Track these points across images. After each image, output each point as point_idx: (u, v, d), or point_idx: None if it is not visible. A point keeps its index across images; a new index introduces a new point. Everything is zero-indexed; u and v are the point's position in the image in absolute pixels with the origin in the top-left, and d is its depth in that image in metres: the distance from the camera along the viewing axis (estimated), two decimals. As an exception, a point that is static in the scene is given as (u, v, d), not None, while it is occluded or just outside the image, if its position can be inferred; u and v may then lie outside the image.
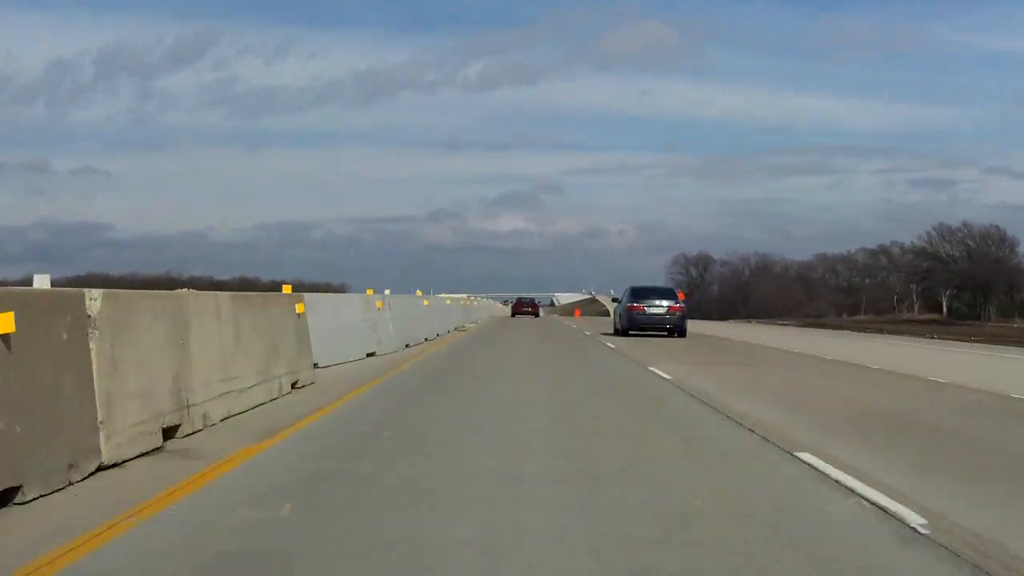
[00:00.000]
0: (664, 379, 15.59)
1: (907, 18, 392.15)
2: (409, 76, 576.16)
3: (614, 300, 36.70)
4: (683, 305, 31.07)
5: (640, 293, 30.86)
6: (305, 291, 16.54)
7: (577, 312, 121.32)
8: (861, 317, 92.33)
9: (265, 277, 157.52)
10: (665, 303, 30.50)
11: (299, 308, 12.68)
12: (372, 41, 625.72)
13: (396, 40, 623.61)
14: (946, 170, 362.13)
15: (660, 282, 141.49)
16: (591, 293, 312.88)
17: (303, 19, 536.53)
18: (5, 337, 5.46)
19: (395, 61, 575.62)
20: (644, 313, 30.21)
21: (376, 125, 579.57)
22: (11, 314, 5.48)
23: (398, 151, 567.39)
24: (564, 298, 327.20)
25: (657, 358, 20.76)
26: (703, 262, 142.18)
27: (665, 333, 30.56)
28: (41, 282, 6.97)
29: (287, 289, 13.24)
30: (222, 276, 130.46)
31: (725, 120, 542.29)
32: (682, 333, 30.53)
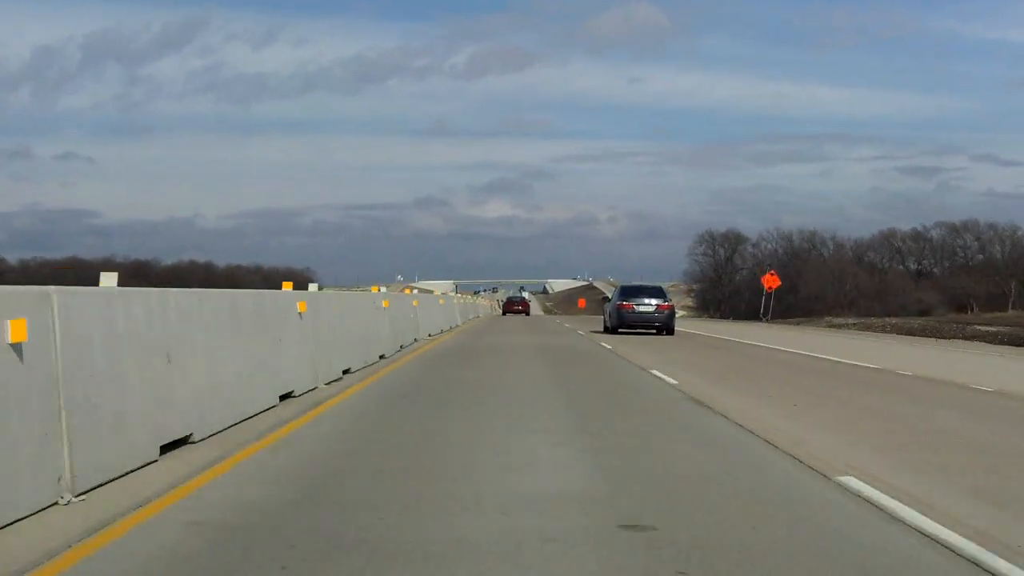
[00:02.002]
0: None
1: (898, 6, 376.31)
2: (398, 63, 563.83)
3: (605, 300, 36.49)
4: (671, 303, 31.62)
5: (629, 292, 31.48)
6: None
7: (582, 302, 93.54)
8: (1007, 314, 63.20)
9: (246, 262, 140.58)
10: (654, 302, 30.62)
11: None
12: (361, 28, 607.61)
13: (385, 27, 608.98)
14: (934, 158, 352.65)
15: (682, 265, 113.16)
16: (589, 280, 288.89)
17: (291, 5, 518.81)
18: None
19: (384, 48, 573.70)
20: (633, 311, 30.49)
21: (364, 112, 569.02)
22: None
23: (386, 138, 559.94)
24: (558, 285, 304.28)
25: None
26: (732, 241, 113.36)
27: (654, 331, 30.68)
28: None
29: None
30: (167, 261, 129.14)
31: (715, 108, 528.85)
32: (670, 331, 30.80)
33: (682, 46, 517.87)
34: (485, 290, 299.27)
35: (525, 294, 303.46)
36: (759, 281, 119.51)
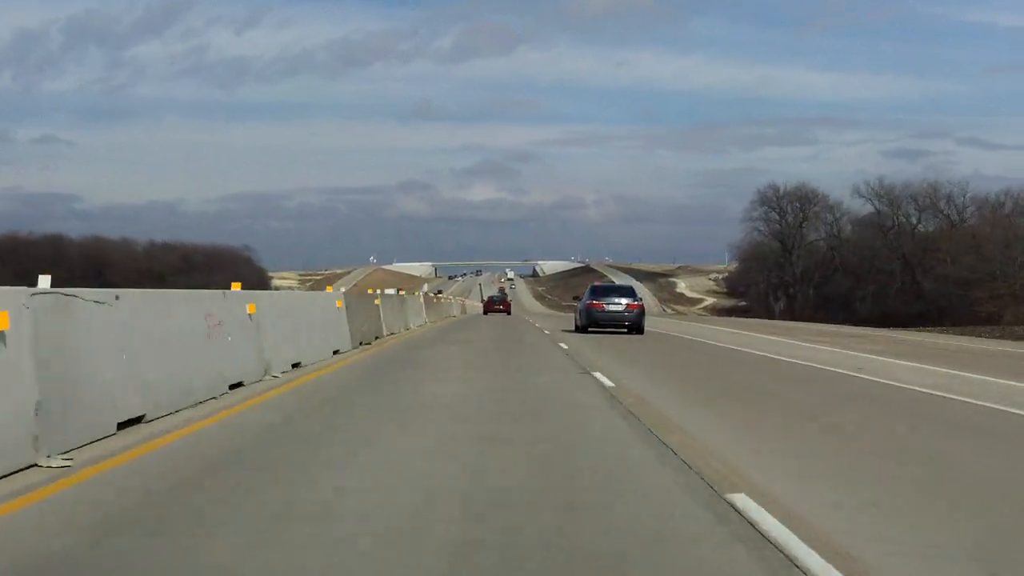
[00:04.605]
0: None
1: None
2: (383, 46, 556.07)
3: (576, 299, 36.40)
4: (641, 302, 31.58)
5: (600, 291, 31.93)
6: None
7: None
8: None
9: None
10: (624, 301, 30.67)
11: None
12: (345, 10, 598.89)
13: (370, 9, 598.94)
14: (920, 141, 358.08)
15: (738, 234, 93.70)
16: (584, 261, 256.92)
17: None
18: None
19: (369, 31, 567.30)
20: (603, 311, 30.37)
21: (349, 96, 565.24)
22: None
23: (371, 122, 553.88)
24: (550, 267, 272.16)
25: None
26: (803, 200, 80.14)
27: (625, 330, 30.38)
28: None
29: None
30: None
31: (702, 91, 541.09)
32: (640, 330, 30.28)
33: (669, 29, 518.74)
34: (467, 273, 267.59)
35: (511, 274, 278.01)
36: (840, 256, 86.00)
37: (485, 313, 69.17)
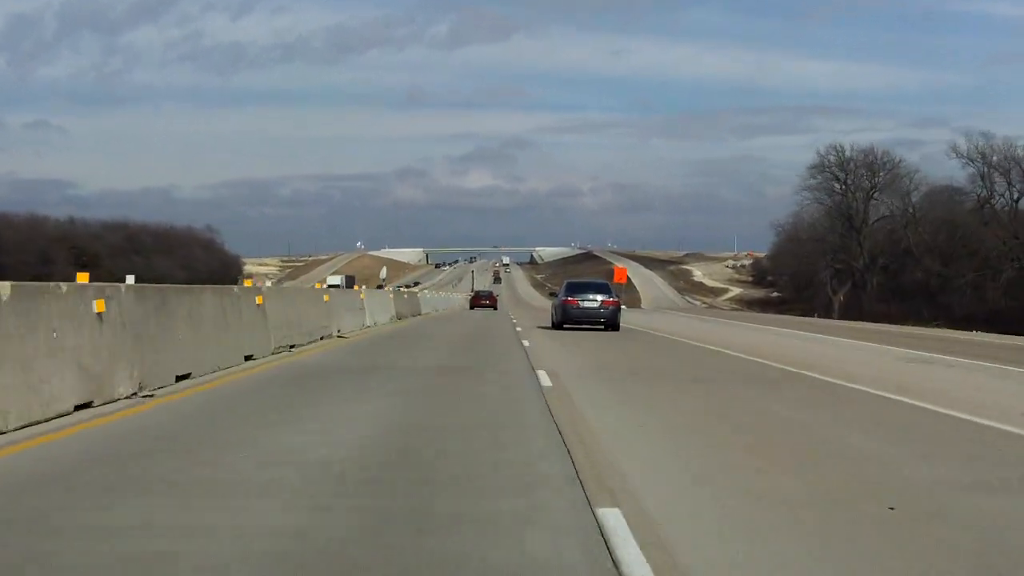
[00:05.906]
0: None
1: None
2: (378, 33, 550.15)
3: (552, 295, 36.73)
4: (617, 299, 31.96)
5: (575, 288, 32.60)
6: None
7: (621, 273, 47.33)
8: None
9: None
10: (599, 297, 31.13)
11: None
12: None
13: None
14: (917, 130, 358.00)
15: (788, 206, 76.45)
16: (587, 247, 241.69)
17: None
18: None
19: (364, 18, 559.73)
20: (578, 307, 30.92)
21: (344, 83, 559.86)
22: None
23: (366, 109, 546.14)
24: (548, 253, 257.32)
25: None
26: (870, 166, 64.32)
27: (601, 327, 30.79)
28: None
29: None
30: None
31: (698, 80, 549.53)
32: (615, 327, 30.72)
33: (666, 18, 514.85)
34: (459, 260, 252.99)
35: (506, 259, 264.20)
36: (913, 236, 69.74)
37: (472, 308, 67.16)
